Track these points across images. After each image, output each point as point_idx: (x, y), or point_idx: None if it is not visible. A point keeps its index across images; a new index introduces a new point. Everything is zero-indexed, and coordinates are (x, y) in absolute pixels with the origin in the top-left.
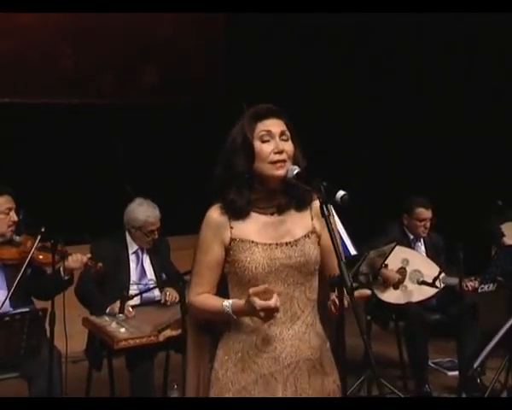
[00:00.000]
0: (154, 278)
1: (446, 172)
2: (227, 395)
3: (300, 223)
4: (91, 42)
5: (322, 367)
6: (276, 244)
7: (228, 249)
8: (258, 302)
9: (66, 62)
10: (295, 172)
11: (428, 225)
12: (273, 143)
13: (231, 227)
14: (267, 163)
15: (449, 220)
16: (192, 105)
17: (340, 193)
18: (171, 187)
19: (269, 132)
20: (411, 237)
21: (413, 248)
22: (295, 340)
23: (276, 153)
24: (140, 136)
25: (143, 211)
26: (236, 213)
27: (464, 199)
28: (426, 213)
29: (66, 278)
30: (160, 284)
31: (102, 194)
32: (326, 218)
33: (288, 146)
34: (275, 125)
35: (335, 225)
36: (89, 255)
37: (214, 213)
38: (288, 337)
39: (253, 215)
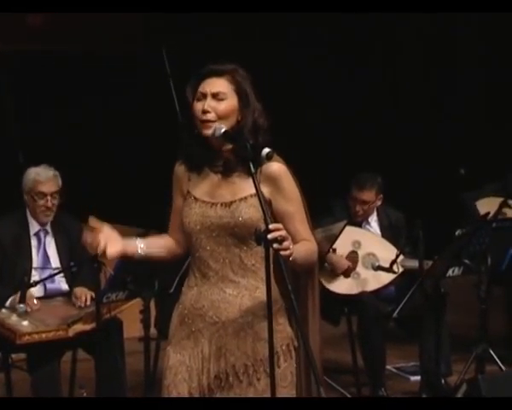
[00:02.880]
0: (59, 265)
1: (402, 139)
2: (167, 348)
3: (244, 185)
4: None
5: (253, 331)
6: (212, 203)
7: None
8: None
9: None
10: (222, 130)
11: (365, 208)
12: (203, 103)
13: (189, 179)
14: (198, 122)
15: (408, 194)
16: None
17: (266, 150)
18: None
19: (202, 93)
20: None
21: (364, 228)
22: (224, 302)
23: (202, 112)
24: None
25: (34, 170)
26: (190, 166)
27: (423, 169)
28: (360, 195)
29: None
30: (68, 273)
31: None
32: (252, 175)
33: (222, 106)
34: (210, 85)
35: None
36: None
37: (177, 166)
38: (216, 299)
39: (206, 171)
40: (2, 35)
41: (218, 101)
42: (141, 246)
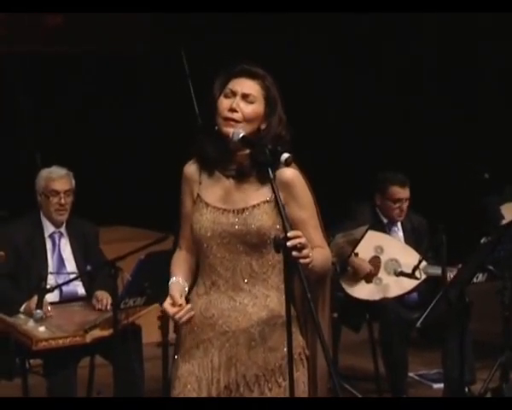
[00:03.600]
0: (75, 269)
1: (425, 143)
2: (176, 357)
3: (258, 191)
4: None
5: (264, 341)
6: (224, 210)
7: (195, 203)
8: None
9: None
10: (240, 136)
11: (405, 206)
12: (233, 101)
13: (200, 183)
14: (221, 118)
15: (431, 199)
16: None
17: (285, 155)
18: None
19: (232, 91)
20: (385, 220)
21: (388, 233)
22: (234, 311)
23: (229, 110)
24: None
25: (46, 170)
26: (203, 165)
27: (447, 174)
28: (401, 193)
29: None
30: (86, 278)
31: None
32: (271, 181)
33: (250, 108)
34: (241, 85)
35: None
36: None
37: (188, 167)
38: (226, 307)
39: (217, 175)
40: (17, 36)
41: (247, 103)
42: (185, 289)
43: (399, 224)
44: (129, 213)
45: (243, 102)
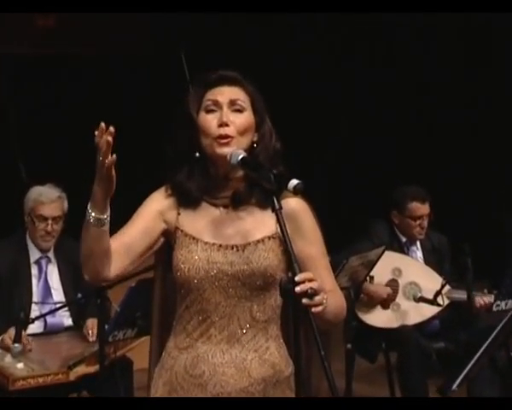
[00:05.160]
0: (62, 297)
1: (447, 156)
2: None
3: (260, 224)
4: None
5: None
6: (220, 246)
7: (171, 238)
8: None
9: None
10: (240, 156)
11: (426, 223)
12: (219, 114)
13: (179, 213)
14: (211, 139)
15: (452, 216)
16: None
17: (293, 182)
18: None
19: (215, 101)
20: (404, 239)
21: (407, 253)
22: (230, 367)
23: (219, 125)
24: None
25: (37, 190)
26: (184, 198)
27: (471, 189)
28: (422, 209)
29: None
30: (74, 307)
31: None
32: (277, 212)
33: (241, 118)
34: (224, 93)
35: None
36: None
37: (162, 192)
38: (220, 362)
39: (204, 206)
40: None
41: (236, 112)
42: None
43: (418, 243)
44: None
45: (231, 112)
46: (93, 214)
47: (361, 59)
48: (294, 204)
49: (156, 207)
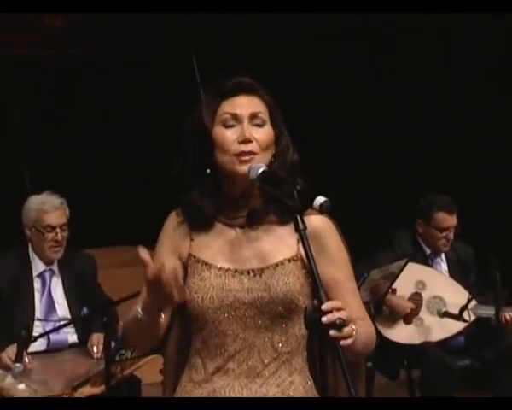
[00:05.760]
0: (67, 313)
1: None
2: None
3: (279, 243)
4: None
5: None
6: (235, 271)
7: (186, 267)
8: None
9: None
10: (260, 170)
11: (452, 235)
12: (239, 129)
13: (191, 239)
14: (230, 155)
15: (479, 227)
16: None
17: (320, 199)
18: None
19: (234, 115)
20: (428, 250)
21: (431, 265)
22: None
23: (240, 142)
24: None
25: (37, 199)
26: (197, 220)
27: (498, 198)
28: (449, 220)
29: None
30: (78, 324)
31: None
32: (301, 233)
33: (262, 133)
34: (244, 105)
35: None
36: None
37: (173, 220)
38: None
39: (218, 227)
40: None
41: (257, 126)
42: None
43: (443, 254)
44: (131, 231)
45: (252, 126)
46: (142, 314)
47: (381, 71)
48: (318, 222)
49: (170, 247)
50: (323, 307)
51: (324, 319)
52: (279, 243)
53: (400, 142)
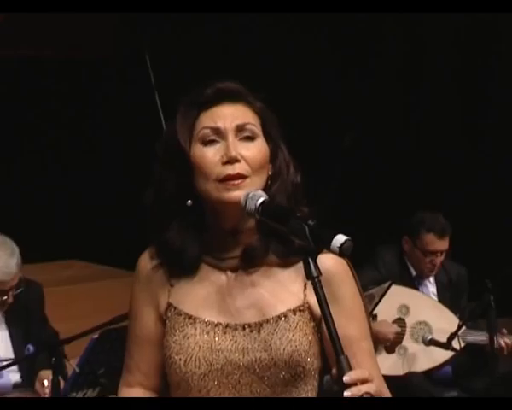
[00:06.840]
0: (11, 354)
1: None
2: None
3: (281, 291)
4: None
5: None
6: (227, 326)
7: (164, 322)
8: None
9: None
10: (259, 201)
11: (439, 261)
12: (223, 147)
13: (171, 285)
14: (213, 181)
15: (470, 247)
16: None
17: (340, 239)
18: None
19: (216, 129)
20: (414, 272)
21: (417, 287)
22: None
23: (225, 163)
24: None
25: None
26: (177, 263)
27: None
28: (437, 244)
29: None
30: (24, 363)
31: None
32: (314, 281)
33: (253, 150)
34: (227, 116)
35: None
36: None
37: (146, 264)
38: None
39: (204, 270)
40: None
41: (246, 141)
42: None
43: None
44: (86, 246)
45: (240, 142)
46: None
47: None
48: (331, 264)
49: (146, 300)
50: (346, 377)
51: (348, 393)
52: (281, 290)
53: (394, 148)
